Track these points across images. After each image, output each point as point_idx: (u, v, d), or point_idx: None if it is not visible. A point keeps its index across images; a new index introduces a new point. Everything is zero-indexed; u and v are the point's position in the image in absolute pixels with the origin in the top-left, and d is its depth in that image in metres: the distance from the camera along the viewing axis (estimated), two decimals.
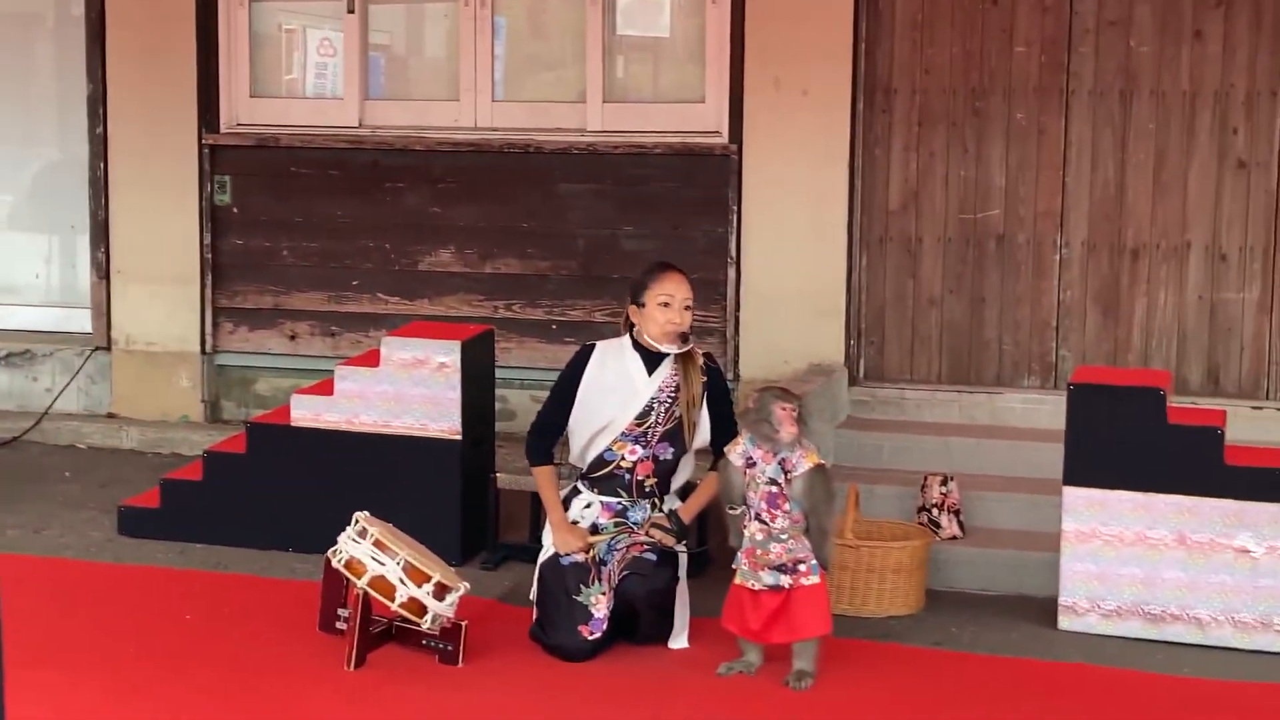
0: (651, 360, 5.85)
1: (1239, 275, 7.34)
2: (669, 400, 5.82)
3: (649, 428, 5.81)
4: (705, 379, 5.86)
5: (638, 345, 5.86)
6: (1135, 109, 7.36)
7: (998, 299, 7.57)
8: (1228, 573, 5.79)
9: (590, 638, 5.59)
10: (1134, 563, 5.87)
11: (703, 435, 5.86)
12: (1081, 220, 7.46)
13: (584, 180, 8.02)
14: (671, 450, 5.84)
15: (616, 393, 5.84)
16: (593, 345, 5.99)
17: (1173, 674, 5.58)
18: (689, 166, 7.87)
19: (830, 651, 5.48)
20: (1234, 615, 5.80)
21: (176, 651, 5.62)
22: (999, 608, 6.23)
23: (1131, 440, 5.86)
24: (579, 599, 5.62)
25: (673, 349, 5.79)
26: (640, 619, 5.69)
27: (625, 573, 5.65)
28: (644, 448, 5.82)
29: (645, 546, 5.72)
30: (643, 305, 5.82)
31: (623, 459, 5.83)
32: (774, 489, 5.37)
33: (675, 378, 5.83)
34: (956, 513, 6.59)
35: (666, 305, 5.78)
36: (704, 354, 5.94)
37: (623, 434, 5.82)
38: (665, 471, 5.87)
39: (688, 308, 5.81)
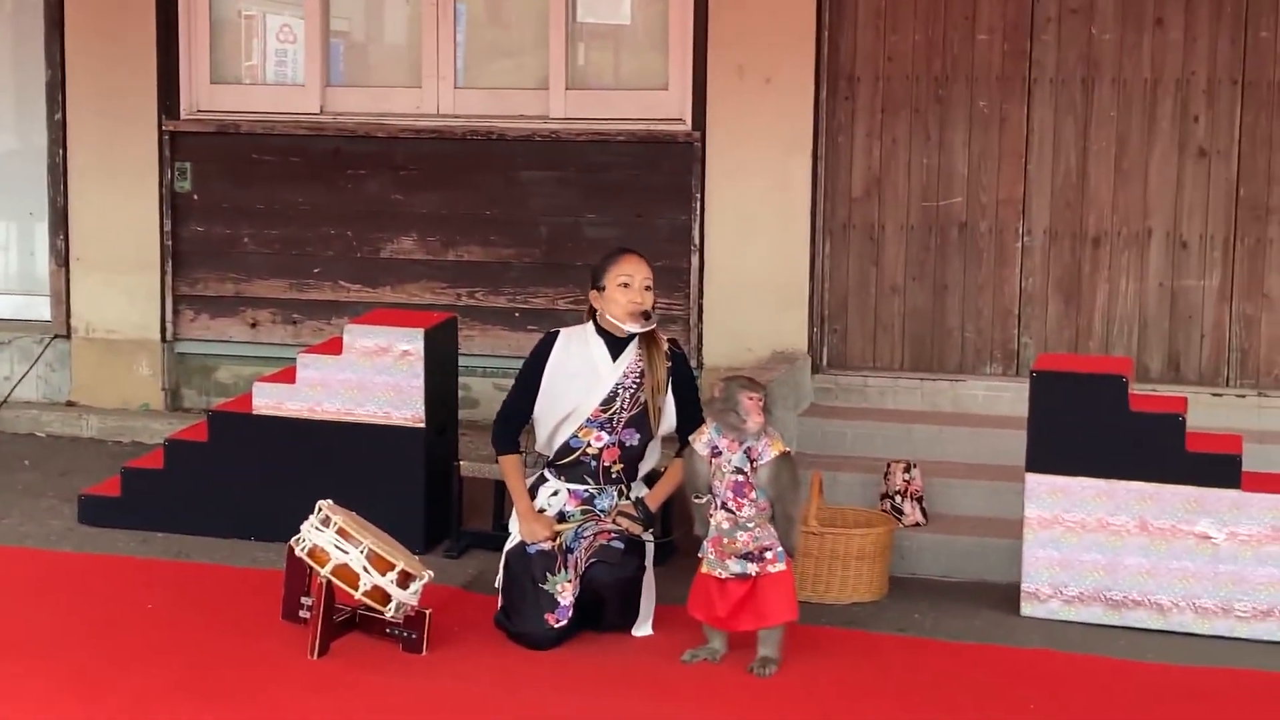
0: (615, 346, 5.85)
1: (1199, 263, 7.37)
2: (634, 386, 5.82)
3: (614, 413, 5.81)
4: (670, 365, 5.86)
5: (601, 331, 5.86)
6: (1097, 97, 7.39)
7: (960, 286, 7.60)
8: (1189, 558, 5.82)
9: (555, 625, 5.59)
10: (1096, 549, 5.90)
11: (668, 421, 5.86)
12: (1043, 208, 7.48)
13: (547, 167, 8.01)
14: (638, 436, 5.84)
15: (581, 379, 5.83)
16: (556, 332, 5.98)
17: (1134, 659, 5.62)
18: (652, 154, 7.86)
19: (794, 638, 5.49)
20: (1195, 601, 5.83)
21: (138, 641, 5.59)
22: (962, 594, 6.26)
23: (1094, 427, 5.88)
24: (545, 587, 5.62)
25: (635, 328, 5.78)
26: (606, 607, 5.69)
27: (593, 560, 5.65)
28: (610, 434, 5.81)
29: (613, 534, 5.71)
30: (603, 289, 5.82)
31: (589, 446, 5.83)
32: (740, 478, 5.37)
33: (640, 363, 5.83)
34: (919, 499, 6.61)
35: (626, 285, 5.78)
36: (669, 339, 5.94)
37: (588, 420, 5.81)
38: (632, 458, 5.86)
39: (648, 287, 5.81)
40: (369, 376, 6.66)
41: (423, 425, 6.64)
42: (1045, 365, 6.11)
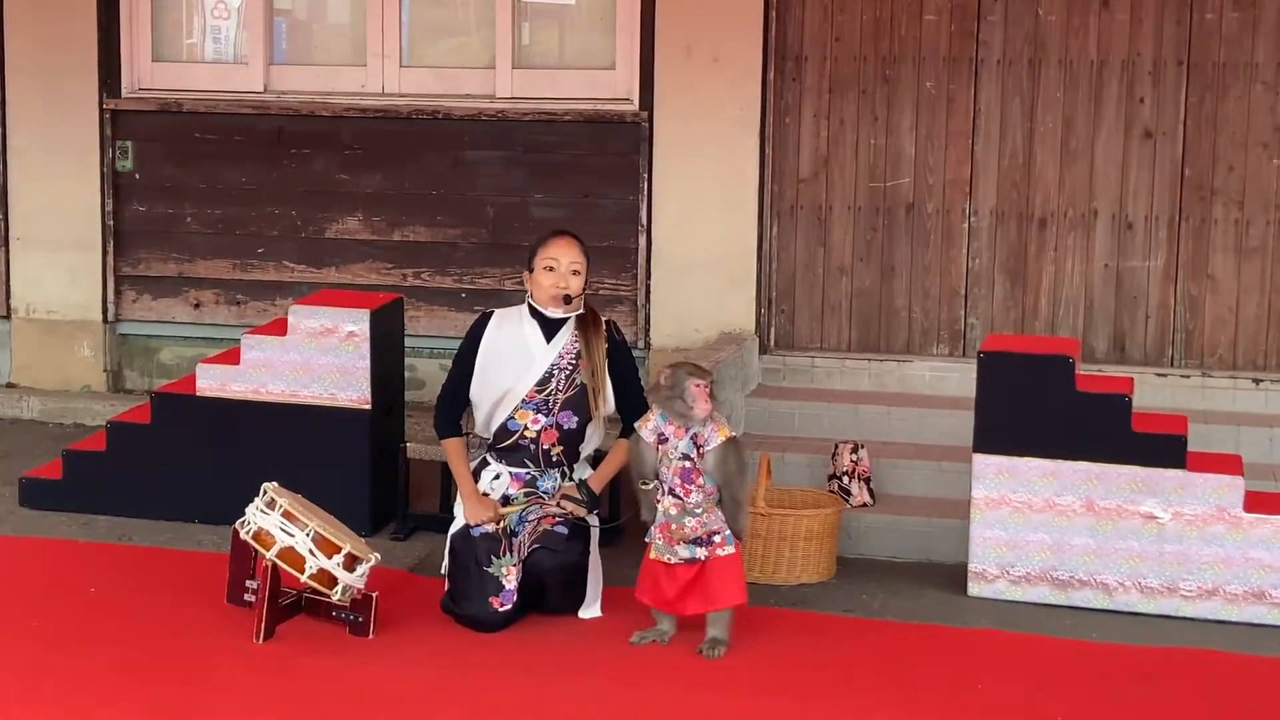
0: (550, 327, 5.82)
1: (1145, 244, 7.41)
2: (570, 368, 5.79)
3: (549, 395, 5.78)
4: (608, 347, 5.83)
5: (536, 312, 5.83)
6: (1043, 78, 7.41)
7: (907, 267, 7.60)
8: (1134, 538, 5.85)
9: (500, 609, 5.56)
10: (1043, 529, 5.93)
11: (609, 404, 5.83)
12: (990, 189, 7.50)
13: (493, 147, 7.96)
14: (575, 419, 5.81)
15: (514, 360, 5.81)
16: (490, 313, 5.96)
17: (1081, 639, 5.64)
18: (599, 134, 7.83)
19: (743, 619, 5.49)
20: (1140, 580, 5.86)
21: (80, 625, 5.54)
22: (909, 574, 6.27)
23: (1041, 407, 5.90)
24: (489, 570, 5.59)
25: (557, 313, 5.76)
26: (549, 592, 5.67)
27: (535, 547, 5.63)
28: (546, 416, 5.78)
29: (556, 519, 5.69)
30: (532, 270, 5.80)
31: (526, 428, 5.80)
32: (687, 464, 5.35)
33: (576, 344, 5.80)
34: (867, 480, 6.61)
35: (551, 269, 5.76)
36: (607, 321, 5.91)
37: (523, 402, 5.78)
38: (571, 440, 5.83)
39: (576, 271, 5.77)
40: (314, 358, 6.62)
41: (369, 407, 6.60)
42: (992, 346, 6.12)
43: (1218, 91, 7.27)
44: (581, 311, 5.83)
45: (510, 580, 5.59)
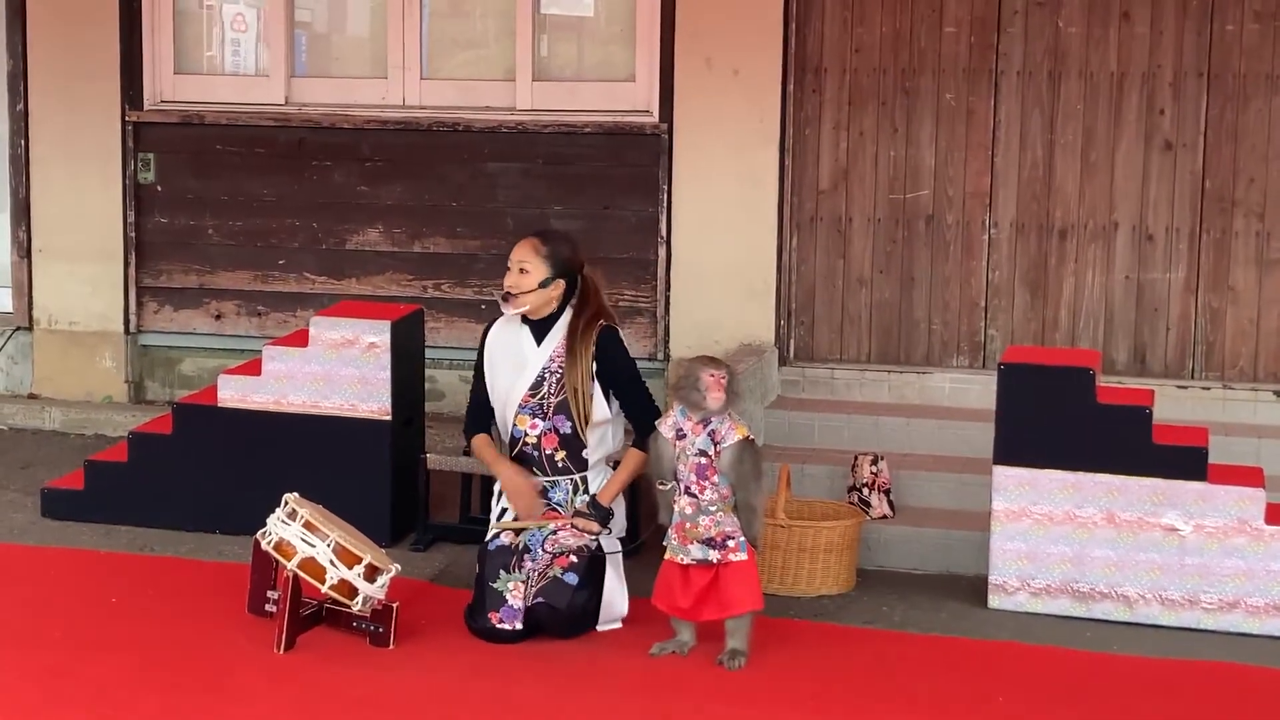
0: (540, 330, 5.84)
1: (1165, 256, 7.39)
2: (561, 371, 5.81)
3: (543, 398, 5.79)
4: (595, 351, 5.80)
5: (525, 316, 5.87)
6: (1063, 90, 7.40)
7: (927, 279, 7.60)
8: (1155, 551, 5.84)
9: (498, 625, 5.55)
10: (1063, 541, 5.92)
11: (600, 410, 5.80)
12: (1010, 200, 7.49)
13: (513, 159, 7.98)
14: (570, 424, 5.80)
15: (511, 362, 5.86)
16: (494, 320, 6.00)
17: (1102, 652, 5.63)
18: (619, 145, 7.84)
19: (762, 631, 5.49)
20: (1161, 593, 5.85)
21: (102, 634, 5.56)
22: (929, 586, 6.26)
23: (1061, 419, 5.90)
24: (494, 585, 5.60)
25: (505, 309, 5.83)
26: (553, 633, 5.64)
27: (538, 600, 5.58)
28: (543, 420, 5.80)
29: (569, 560, 5.65)
30: None
31: (527, 434, 5.82)
32: (703, 460, 5.36)
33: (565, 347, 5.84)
34: (887, 492, 6.61)
35: (508, 269, 5.83)
36: (607, 327, 5.85)
37: (520, 406, 5.81)
38: (572, 445, 5.82)
39: (523, 270, 5.79)
40: (335, 369, 6.63)
41: (389, 417, 6.61)
42: (1013, 358, 6.12)
43: (1238, 103, 7.26)
44: (567, 313, 5.83)
45: (515, 598, 5.57)
